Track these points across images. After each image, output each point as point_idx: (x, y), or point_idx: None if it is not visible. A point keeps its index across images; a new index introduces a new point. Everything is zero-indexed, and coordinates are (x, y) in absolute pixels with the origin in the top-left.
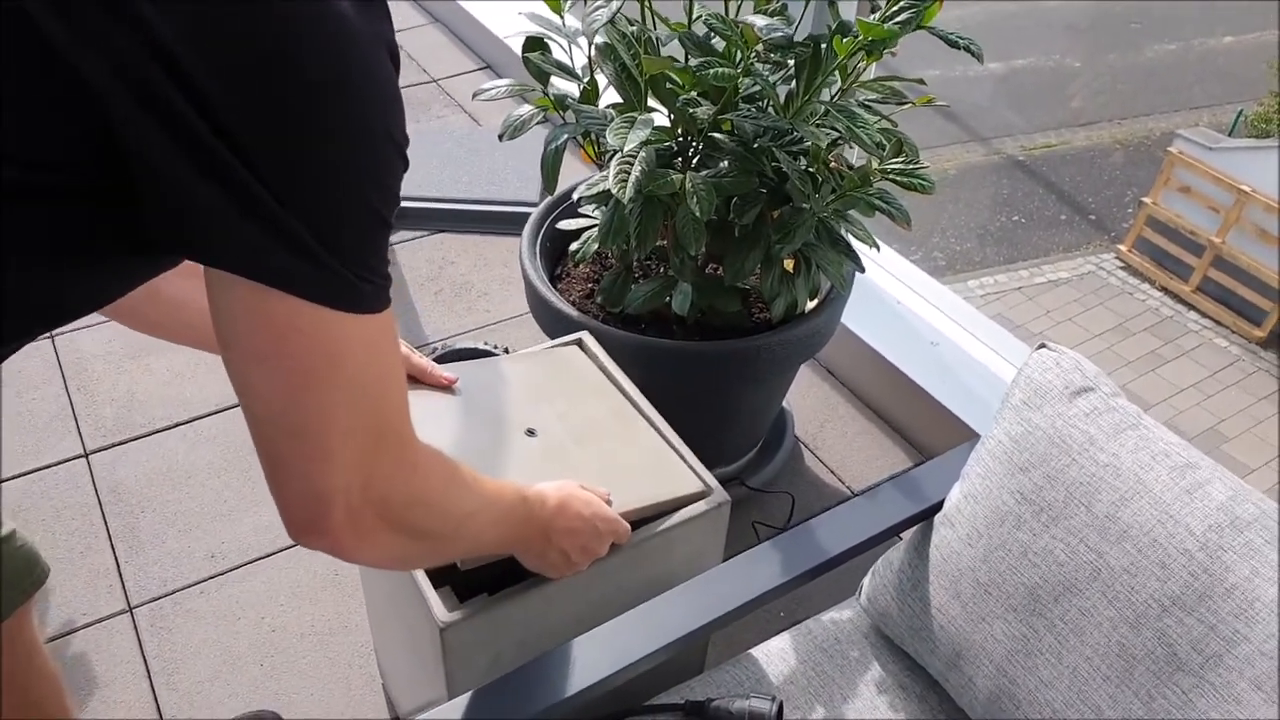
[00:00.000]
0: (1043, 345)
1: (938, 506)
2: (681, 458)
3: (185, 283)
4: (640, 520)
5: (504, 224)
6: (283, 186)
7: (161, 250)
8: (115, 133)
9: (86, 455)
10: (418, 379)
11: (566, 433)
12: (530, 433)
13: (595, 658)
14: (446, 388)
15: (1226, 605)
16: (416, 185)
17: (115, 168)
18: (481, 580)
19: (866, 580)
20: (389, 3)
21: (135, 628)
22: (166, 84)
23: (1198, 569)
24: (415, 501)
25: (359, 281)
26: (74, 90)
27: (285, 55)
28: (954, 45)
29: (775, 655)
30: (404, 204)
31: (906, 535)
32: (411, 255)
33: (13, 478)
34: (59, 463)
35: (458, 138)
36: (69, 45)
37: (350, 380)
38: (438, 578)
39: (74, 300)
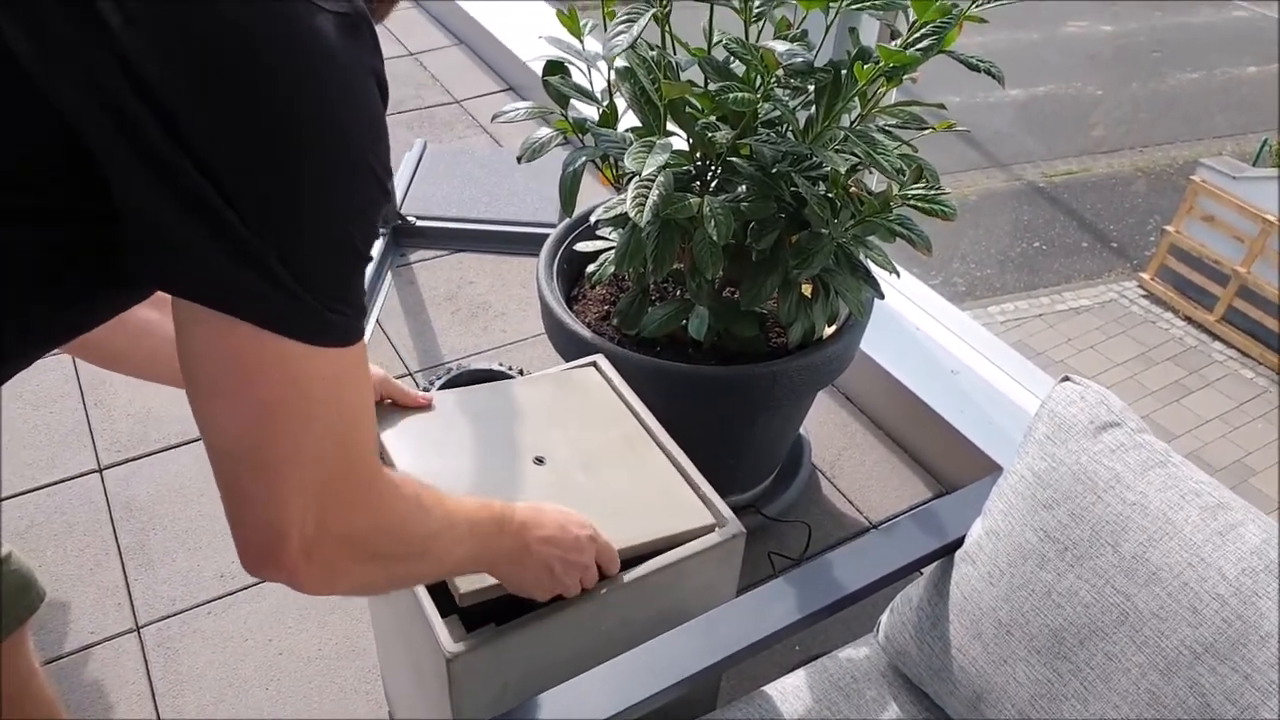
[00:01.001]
0: (1066, 378)
1: (958, 542)
2: (694, 486)
3: (152, 312)
4: (651, 552)
5: (523, 244)
6: (252, 211)
7: (136, 277)
8: (89, 153)
9: (100, 470)
10: (397, 401)
11: (576, 460)
12: (539, 460)
13: (603, 694)
14: (429, 407)
15: (1262, 654)
16: (437, 204)
17: (94, 189)
18: (489, 610)
19: (884, 617)
20: (419, 26)
21: (142, 647)
22: (136, 103)
23: (1231, 615)
24: (375, 531)
25: (328, 313)
26: (44, 109)
27: (257, 76)
28: (974, 69)
29: (790, 693)
30: (424, 223)
31: (926, 571)
32: (431, 274)
33: (26, 492)
34: (73, 477)
35: (479, 158)
36: (37, 62)
37: (315, 415)
38: (445, 606)
39: (58, 328)
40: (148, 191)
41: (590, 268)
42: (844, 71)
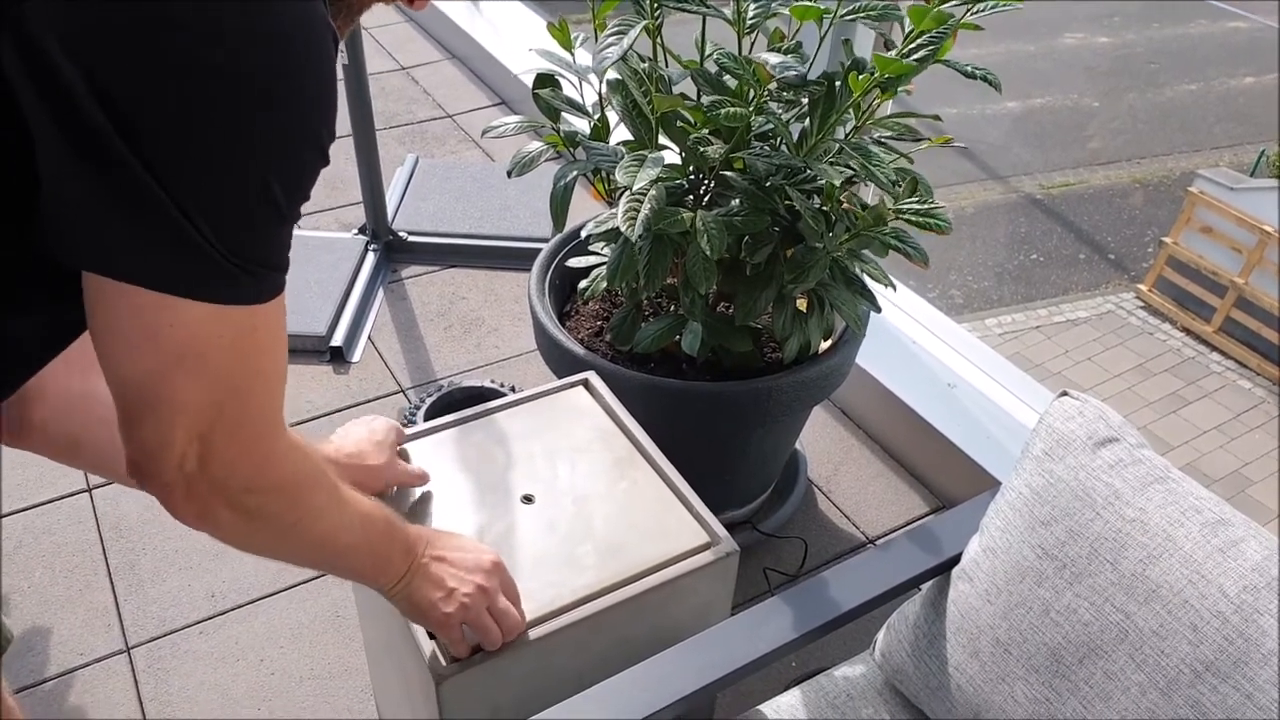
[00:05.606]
0: (1065, 393)
1: (956, 559)
2: (688, 504)
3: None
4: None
5: (516, 259)
6: (169, 166)
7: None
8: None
9: (90, 490)
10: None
11: (565, 493)
12: (528, 499)
13: (596, 716)
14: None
15: (1263, 673)
16: (429, 220)
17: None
18: None
19: (881, 634)
20: (411, 40)
21: (132, 668)
22: (63, 59)
23: (1232, 633)
24: (256, 488)
25: (239, 271)
26: None
27: (189, 18)
28: (970, 76)
29: (785, 712)
30: (416, 239)
31: (923, 588)
32: (422, 290)
33: (15, 512)
34: (62, 497)
35: (471, 173)
36: None
37: (214, 369)
38: None
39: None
40: (55, 148)
41: (582, 283)
42: (838, 83)
